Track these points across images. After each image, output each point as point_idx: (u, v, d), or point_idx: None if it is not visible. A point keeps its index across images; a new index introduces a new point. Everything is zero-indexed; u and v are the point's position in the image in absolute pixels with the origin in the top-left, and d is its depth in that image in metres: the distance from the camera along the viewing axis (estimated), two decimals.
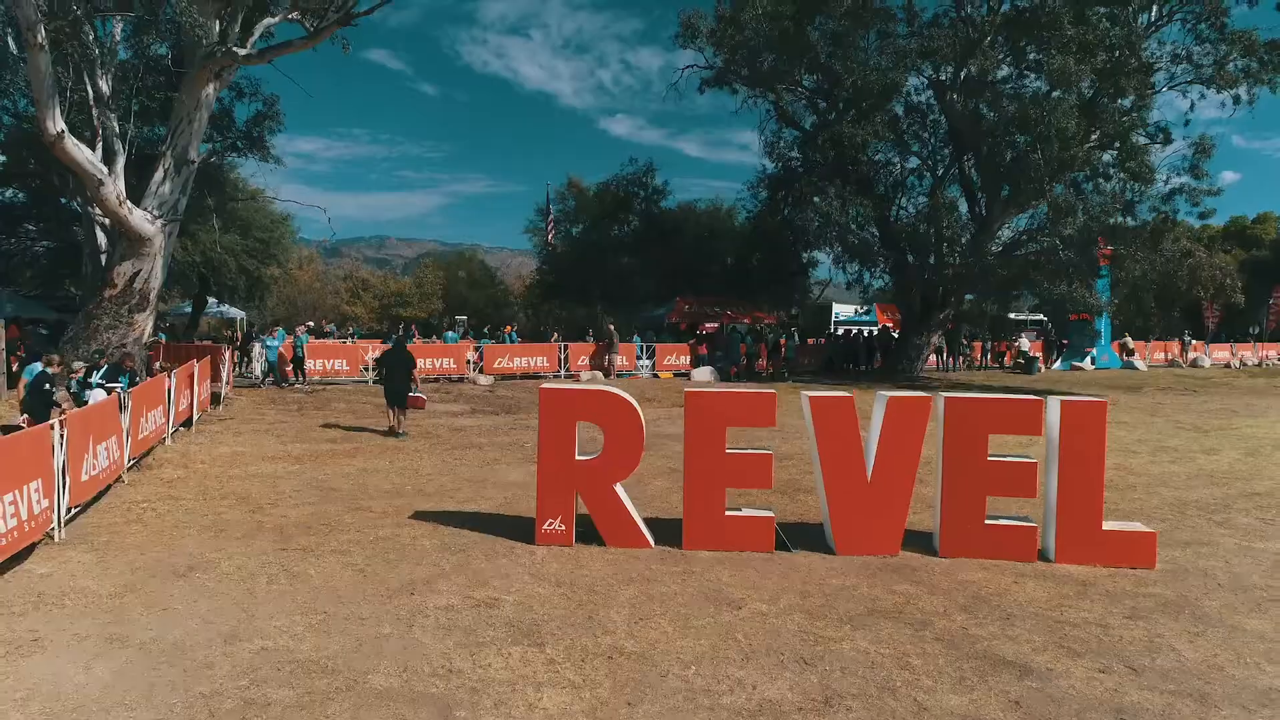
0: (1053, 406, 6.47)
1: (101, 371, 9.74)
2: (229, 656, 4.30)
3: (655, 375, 23.08)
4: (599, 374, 21.97)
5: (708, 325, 30.22)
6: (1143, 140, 21.55)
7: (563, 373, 22.10)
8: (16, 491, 5.48)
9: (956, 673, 4.32)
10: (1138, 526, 6.55)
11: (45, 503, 5.98)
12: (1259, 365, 33.90)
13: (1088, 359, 29.03)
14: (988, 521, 6.47)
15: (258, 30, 14.87)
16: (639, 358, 23.17)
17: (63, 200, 20.87)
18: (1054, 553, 6.37)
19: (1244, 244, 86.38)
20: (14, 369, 14.84)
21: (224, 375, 16.05)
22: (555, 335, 24.17)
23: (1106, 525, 6.41)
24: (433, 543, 6.60)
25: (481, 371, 20.96)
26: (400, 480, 9.08)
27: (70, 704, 3.77)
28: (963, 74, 21.69)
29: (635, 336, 24.34)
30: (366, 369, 20.30)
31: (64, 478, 6.38)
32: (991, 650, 4.62)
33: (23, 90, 13.58)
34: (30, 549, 5.92)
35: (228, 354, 16.58)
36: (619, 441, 6.58)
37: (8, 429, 8.45)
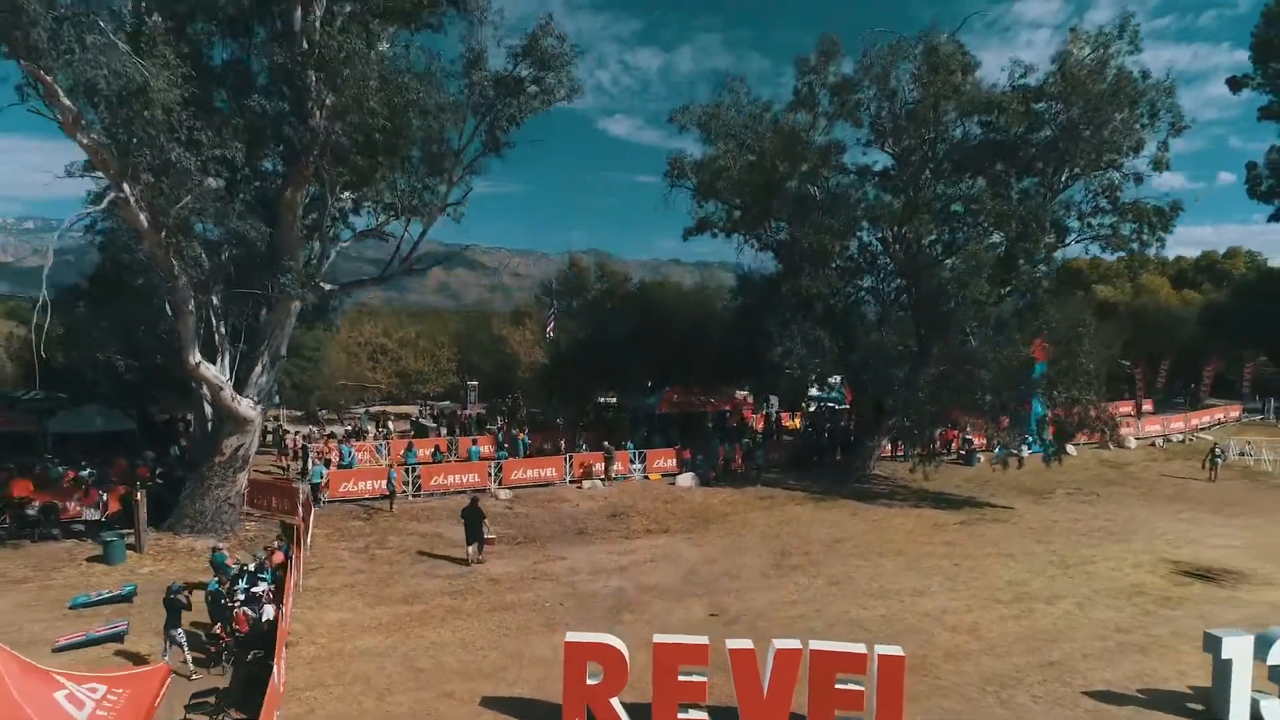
0: (874, 658, 10.66)
1: (247, 576, 13.88)
2: None
3: (646, 477, 27.33)
4: (599, 482, 26.22)
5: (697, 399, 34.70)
6: (1051, 288, 25.91)
7: (568, 479, 26.34)
8: None
9: None
10: None
11: None
12: (1183, 441, 38.10)
13: (1024, 445, 33.22)
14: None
15: (334, 253, 19.13)
16: (632, 463, 27.42)
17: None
18: None
19: (1214, 277, 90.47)
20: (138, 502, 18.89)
21: (300, 511, 20.22)
22: (563, 443, 28.50)
23: None
24: None
25: (500, 484, 25.16)
26: (465, 657, 13.28)
27: None
28: (903, 230, 25.96)
29: (629, 443, 28.54)
30: (407, 470, 24.80)
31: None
32: None
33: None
34: None
35: (301, 497, 20.71)
36: (612, 674, 10.80)
37: (212, 636, 12.67)
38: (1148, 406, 49.44)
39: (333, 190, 17.05)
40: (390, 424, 36.42)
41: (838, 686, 10.63)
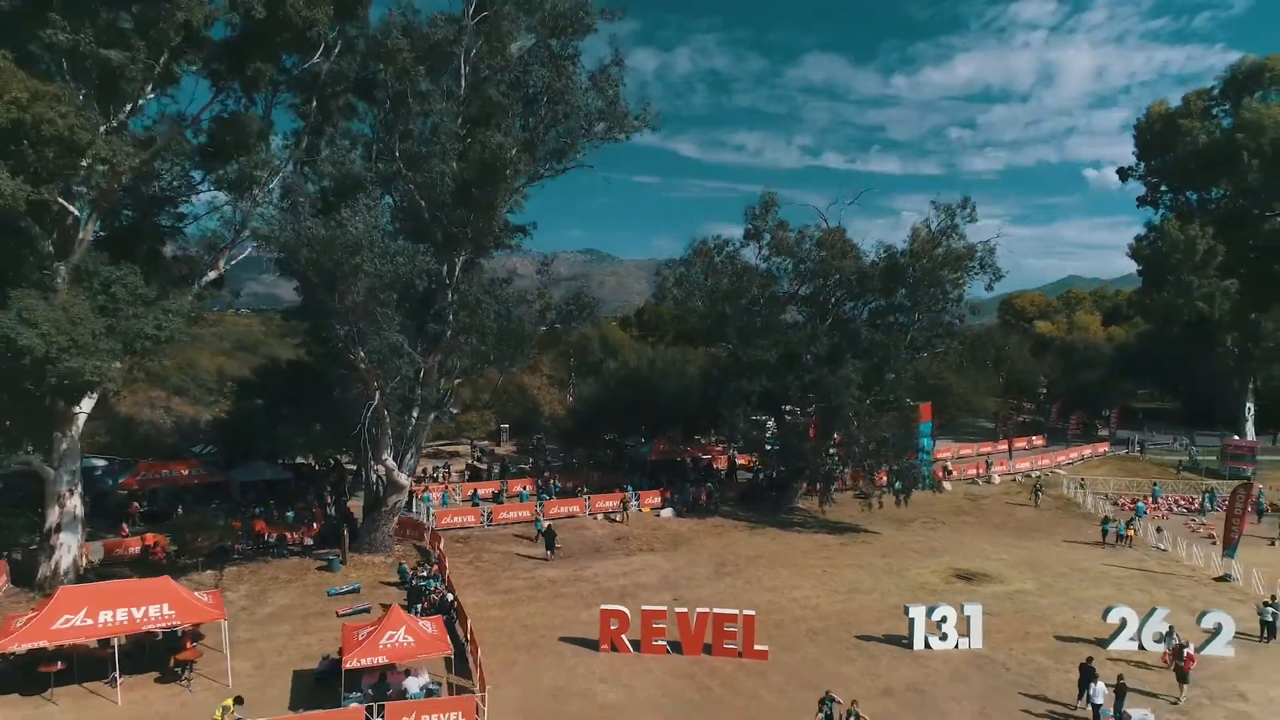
0: (741, 617, 23.34)
1: (422, 579, 26.40)
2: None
3: (640, 511, 40.10)
4: (607, 516, 38.96)
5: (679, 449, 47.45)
6: (909, 387, 38.74)
7: (588, 513, 39.07)
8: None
9: None
10: (765, 647, 23.43)
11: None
12: (1039, 475, 50.77)
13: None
14: (726, 645, 23.39)
15: (455, 385, 31.80)
16: (631, 501, 40.21)
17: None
18: (742, 651, 23.30)
19: (1145, 313, 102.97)
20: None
21: (426, 538, 32.92)
22: (582, 488, 41.31)
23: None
24: (571, 649, 23.49)
25: (543, 517, 37.84)
26: (546, 620, 25.88)
27: None
28: (811, 346, 38.82)
29: (628, 486, 41.30)
30: (482, 509, 37.51)
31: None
32: None
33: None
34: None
35: (428, 530, 33.34)
36: (623, 624, 23.51)
37: (424, 609, 25.39)
38: (1039, 441, 62.13)
39: (457, 357, 29.77)
40: (450, 466, 49.15)
41: (725, 629, 23.34)
